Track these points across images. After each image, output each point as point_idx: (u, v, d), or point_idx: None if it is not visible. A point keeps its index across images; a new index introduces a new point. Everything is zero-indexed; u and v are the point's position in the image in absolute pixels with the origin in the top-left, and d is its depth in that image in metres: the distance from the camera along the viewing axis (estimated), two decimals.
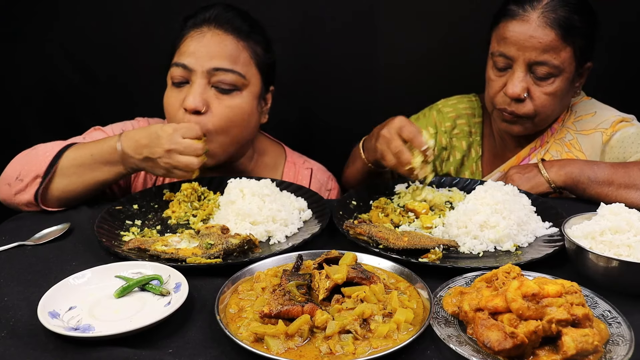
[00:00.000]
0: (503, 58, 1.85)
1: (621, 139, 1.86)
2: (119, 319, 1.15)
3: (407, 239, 1.41)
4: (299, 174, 2.06)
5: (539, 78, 1.83)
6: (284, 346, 1.04)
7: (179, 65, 1.77)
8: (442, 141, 2.16)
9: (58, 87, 2.51)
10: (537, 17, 1.78)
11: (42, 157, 1.65)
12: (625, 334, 1.05)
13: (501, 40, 1.85)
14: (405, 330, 1.07)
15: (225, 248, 1.38)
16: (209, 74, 1.75)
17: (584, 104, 2.02)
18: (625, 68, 2.43)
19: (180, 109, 1.76)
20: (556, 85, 1.83)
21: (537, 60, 1.79)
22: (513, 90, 1.83)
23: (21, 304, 1.21)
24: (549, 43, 1.77)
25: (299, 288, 1.15)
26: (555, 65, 1.80)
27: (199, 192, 1.76)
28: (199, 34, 1.78)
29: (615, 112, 1.95)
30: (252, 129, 1.89)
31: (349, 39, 2.44)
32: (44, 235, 1.53)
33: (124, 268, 1.30)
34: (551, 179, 1.76)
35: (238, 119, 1.79)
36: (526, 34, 1.78)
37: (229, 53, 1.76)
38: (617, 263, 1.22)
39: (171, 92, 1.81)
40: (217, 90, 1.77)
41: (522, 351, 0.99)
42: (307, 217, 1.65)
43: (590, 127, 1.94)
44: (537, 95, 1.85)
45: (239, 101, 1.79)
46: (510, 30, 1.81)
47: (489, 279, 1.17)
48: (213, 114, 1.75)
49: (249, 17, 1.86)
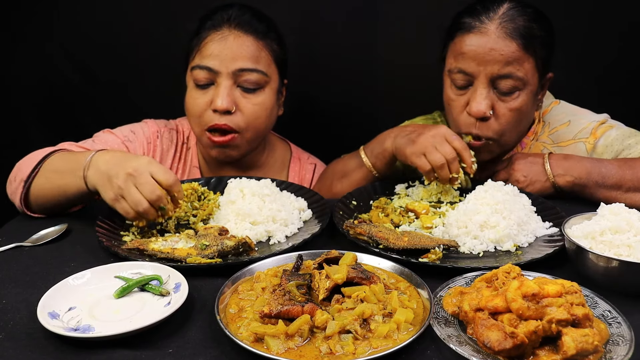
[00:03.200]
0: (462, 75, 1.74)
1: (608, 145, 1.81)
2: (119, 319, 1.15)
3: (407, 239, 1.41)
4: (303, 169, 2.15)
5: (503, 93, 1.73)
6: (284, 346, 1.04)
7: (203, 68, 1.83)
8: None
9: (58, 87, 2.51)
10: (496, 28, 1.69)
11: (30, 162, 1.65)
12: (625, 334, 1.05)
13: (458, 56, 1.74)
14: (405, 330, 1.07)
15: (220, 249, 1.38)
16: (235, 75, 1.83)
17: (555, 111, 1.93)
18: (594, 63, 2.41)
19: (207, 110, 1.84)
20: (521, 100, 1.74)
21: (500, 74, 1.69)
22: (478, 109, 1.71)
23: (19, 306, 1.21)
24: (511, 54, 1.68)
25: (299, 288, 1.15)
26: (520, 77, 1.70)
27: (199, 192, 1.76)
28: (219, 36, 1.83)
29: (588, 117, 1.89)
30: (272, 123, 1.99)
31: (348, 38, 2.44)
32: (41, 237, 1.53)
33: (124, 268, 1.30)
34: (558, 184, 1.73)
35: (264, 114, 1.89)
36: (486, 46, 1.68)
37: (251, 53, 1.84)
38: (617, 263, 1.22)
39: (196, 93, 1.87)
40: (242, 89, 1.85)
41: (522, 351, 0.99)
42: (307, 217, 1.65)
43: (568, 138, 1.87)
44: (503, 112, 1.74)
45: (263, 98, 1.88)
46: (468, 44, 1.71)
47: (489, 279, 1.17)
48: (243, 113, 1.85)
49: (264, 16, 1.93)
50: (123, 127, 1.97)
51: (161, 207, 1.45)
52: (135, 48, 2.45)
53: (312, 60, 2.46)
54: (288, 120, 2.30)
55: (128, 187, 1.42)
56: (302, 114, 2.56)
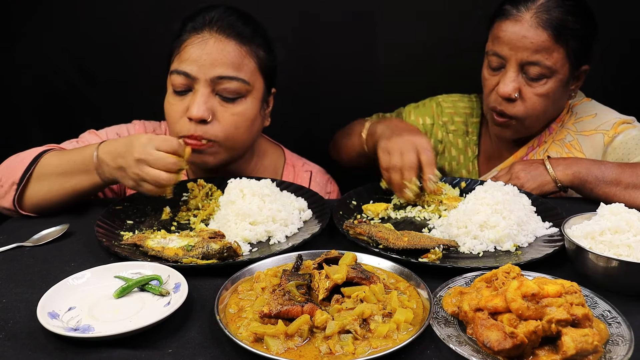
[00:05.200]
0: (496, 57, 1.86)
1: (624, 141, 1.86)
2: (119, 319, 1.15)
3: (407, 239, 1.41)
4: (298, 177, 2.04)
5: (531, 79, 1.83)
6: (284, 346, 1.04)
7: (180, 73, 1.72)
8: (438, 134, 2.17)
9: (58, 87, 2.51)
10: (530, 18, 1.78)
11: (19, 164, 1.64)
12: (625, 334, 1.05)
13: (495, 40, 1.86)
14: (405, 330, 1.07)
15: (204, 252, 1.37)
16: (213, 83, 1.71)
17: (584, 105, 2.01)
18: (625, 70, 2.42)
19: (183, 117, 1.73)
20: (548, 87, 1.83)
21: (529, 61, 1.80)
22: (504, 90, 1.84)
23: (20, 305, 1.21)
24: (540, 44, 1.77)
25: (298, 288, 1.15)
26: (547, 66, 1.80)
27: (206, 188, 1.76)
28: (200, 40, 1.71)
29: (615, 114, 1.95)
30: (255, 133, 1.87)
31: (348, 39, 2.44)
32: (42, 237, 1.53)
33: (124, 268, 1.30)
34: (558, 178, 1.76)
35: (244, 125, 1.78)
36: (519, 34, 1.79)
37: (232, 60, 1.71)
38: (617, 263, 1.22)
39: (173, 99, 1.77)
40: (221, 98, 1.74)
41: (521, 351, 0.99)
42: (307, 217, 1.65)
43: (591, 129, 1.94)
44: (529, 97, 1.85)
45: (243, 108, 1.76)
46: (504, 30, 1.82)
47: (489, 279, 1.17)
48: (219, 123, 1.73)
49: (250, 19, 1.81)
50: (109, 129, 1.93)
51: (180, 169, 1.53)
52: (134, 48, 2.45)
53: (311, 61, 2.46)
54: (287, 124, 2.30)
55: (143, 170, 1.49)
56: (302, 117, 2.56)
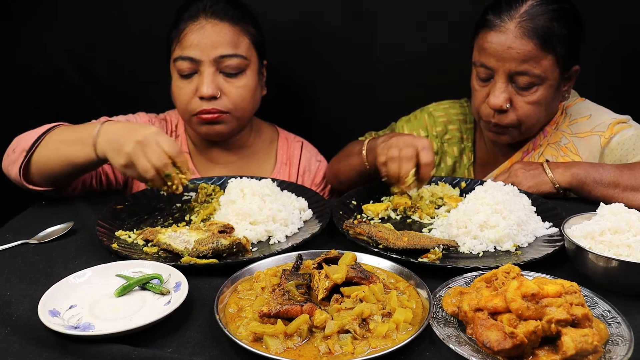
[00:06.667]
0: (484, 69, 1.84)
1: (621, 142, 1.84)
2: (119, 317, 1.15)
3: (406, 239, 1.41)
4: (291, 147, 2.23)
5: (521, 88, 1.80)
6: (283, 346, 1.04)
7: (185, 59, 1.90)
8: (433, 146, 2.10)
9: (58, 86, 2.51)
10: (515, 27, 1.75)
11: (34, 133, 1.71)
12: (625, 334, 1.05)
13: (481, 51, 1.83)
14: (404, 330, 1.07)
15: (214, 248, 1.38)
16: (216, 62, 1.90)
17: (578, 106, 1.99)
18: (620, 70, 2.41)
19: (194, 98, 1.92)
20: (539, 94, 1.81)
21: (517, 71, 1.77)
22: (495, 102, 1.82)
23: (23, 300, 1.22)
24: (527, 53, 1.75)
25: (298, 288, 1.15)
26: (537, 74, 1.77)
27: (208, 190, 1.78)
28: (198, 26, 1.90)
29: (610, 114, 1.93)
30: (258, 102, 2.07)
31: (348, 38, 2.44)
32: (47, 234, 1.54)
33: (125, 267, 1.31)
34: (556, 180, 1.75)
35: (249, 95, 1.97)
36: (504, 45, 1.76)
37: (230, 39, 1.91)
38: (616, 263, 1.22)
39: (181, 83, 1.94)
40: (224, 75, 1.93)
41: (521, 351, 0.99)
42: (307, 217, 1.65)
43: (586, 130, 1.92)
44: (520, 105, 1.83)
45: (246, 80, 1.96)
46: (489, 41, 1.79)
47: (489, 279, 1.17)
48: (228, 97, 1.93)
49: (237, 1, 2.00)
50: (119, 117, 2.07)
51: (167, 174, 1.54)
52: (134, 48, 2.45)
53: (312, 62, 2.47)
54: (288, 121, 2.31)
55: (137, 155, 1.51)
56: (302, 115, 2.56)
